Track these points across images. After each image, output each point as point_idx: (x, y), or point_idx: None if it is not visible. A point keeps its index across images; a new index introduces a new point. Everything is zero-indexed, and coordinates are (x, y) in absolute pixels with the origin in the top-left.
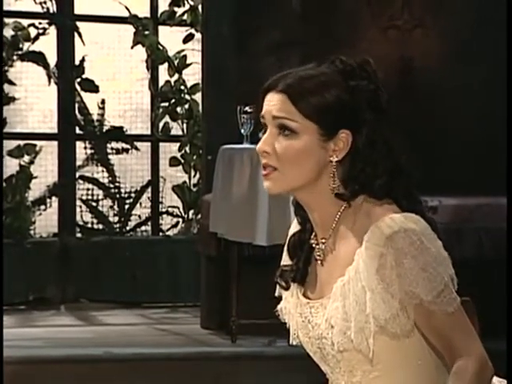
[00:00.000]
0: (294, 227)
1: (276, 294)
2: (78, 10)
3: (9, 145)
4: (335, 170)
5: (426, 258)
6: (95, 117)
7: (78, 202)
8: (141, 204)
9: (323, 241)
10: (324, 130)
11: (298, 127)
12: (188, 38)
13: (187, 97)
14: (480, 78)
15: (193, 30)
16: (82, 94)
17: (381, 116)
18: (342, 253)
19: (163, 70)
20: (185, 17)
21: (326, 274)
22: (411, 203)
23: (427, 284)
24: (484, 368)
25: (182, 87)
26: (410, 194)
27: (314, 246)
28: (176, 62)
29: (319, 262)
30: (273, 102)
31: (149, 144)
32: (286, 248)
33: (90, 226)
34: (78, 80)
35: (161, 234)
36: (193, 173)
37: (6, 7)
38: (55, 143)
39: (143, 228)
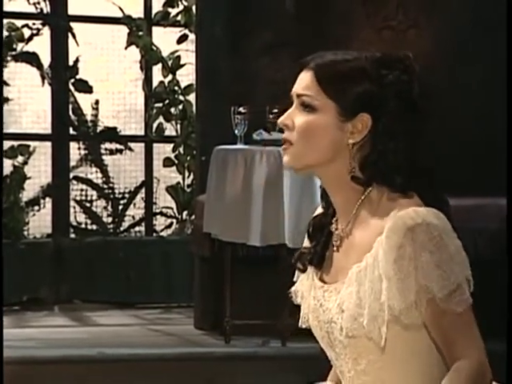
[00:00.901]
0: (318, 211)
1: (294, 279)
2: (72, 10)
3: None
4: (353, 152)
5: (442, 256)
6: (89, 117)
7: (72, 203)
8: (135, 205)
9: (342, 226)
10: (343, 110)
11: (317, 105)
12: (182, 39)
13: (181, 97)
14: (476, 78)
15: (187, 31)
16: (76, 94)
17: (408, 108)
18: (360, 239)
19: (157, 70)
20: (179, 17)
21: (342, 259)
22: (435, 199)
23: (440, 281)
24: (482, 373)
25: (176, 88)
26: (432, 191)
27: (333, 230)
28: (170, 63)
29: (336, 247)
30: (301, 80)
31: (142, 145)
32: (306, 230)
33: (83, 226)
34: (72, 80)
35: (155, 234)
36: (187, 173)
37: None
38: (49, 144)
39: (137, 228)
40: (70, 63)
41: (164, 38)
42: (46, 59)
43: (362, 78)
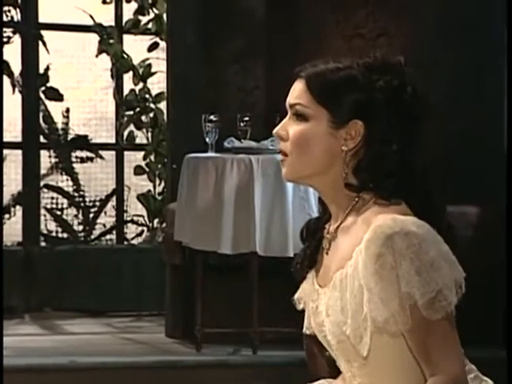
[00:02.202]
0: (316, 215)
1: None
2: (43, 18)
3: None
4: (347, 159)
5: (422, 263)
6: (59, 125)
7: (43, 211)
8: (105, 213)
9: (331, 232)
10: (335, 117)
11: (309, 113)
12: (153, 47)
13: (152, 105)
14: (443, 85)
15: (157, 39)
16: (47, 102)
17: (400, 113)
18: (344, 246)
19: (128, 78)
20: (149, 25)
21: (329, 263)
22: (425, 206)
23: (421, 288)
24: None
25: (147, 96)
26: (424, 197)
27: (325, 234)
28: (141, 71)
29: (326, 250)
30: (295, 90)
31: (113, 153)
32: (299, 233)
33: (54, 234)
34: (43, 88)
35: (125, 242)
36: (158, 181)
37: None
38: (19, 152)
39: (108, 237)
40: (41, 71)
41: (135, 46)
42: (16, 67)
43: (353, 86)
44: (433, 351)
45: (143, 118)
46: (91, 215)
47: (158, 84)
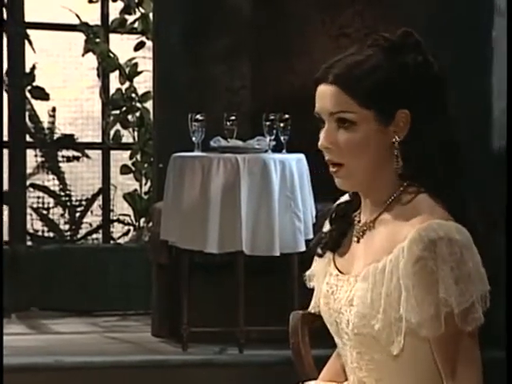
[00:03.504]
0: (344, 198)
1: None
2: (29, 17)
3: None
4: (398, 150)
5: (461, 272)
6: (46, 124)
7: (29, 210)
8: (92, 212)
9: (368, 220)
10: (381, 115)
11: (355, 118)
12: (139, 46)
13: (138, 105)
14: None
15: (144, 38)
16: (33, 101)
17: (435, 89)
18: (382, 238)
19: (114, 77)
20: (136, 25)
21: (361, 252)
22: (462, 209)
23: (457, 297)
24: None
25: (133, 95)
26: (456, 190)
27: (356, 222)
28: (127, 70)
29: (356, 238)
30: (327, 98)
31: (100, 152)
32: (328, 214)
33: (40, 234)
34: (29, 88)
35: (112, 241)
36: (144, 181)
37: None
38: (5, 151)
39: (94, 236)
40: (27, 70)
41: (121, 45)
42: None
43: (385, 74)
44: (457, 362)
45: (129, 117)
46: (77, 214)
47: (144, 83)
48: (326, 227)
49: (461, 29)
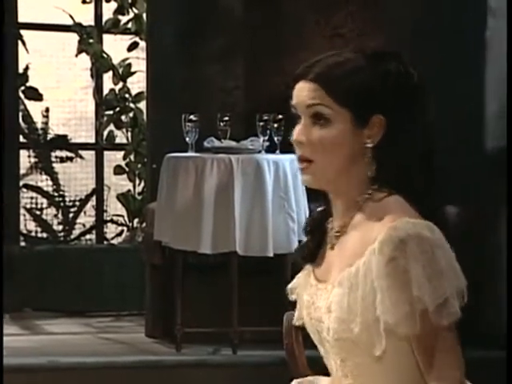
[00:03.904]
0: (319, 208)
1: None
2: (22, 18)
3: None
4: (371, 154)
5: (433, 270)
6: (39, 125)
7: (22, 211)
8: (85, 212)
9: (339, 226)
10: (357, 116)
11: (331, 114)
12: (132, 47)
13: (132, 105)
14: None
15: (137, 39)
16: (26, 102)
17: (413, 99)
18: (354, 242)
19: (108, 78)
20: (129, 25)
21: (335, 259)
22: (432, 208)
23: (431, 294)
24: None
25: (127, 95)
26: (431, 196)
27: (329, 229)
28: (120, 71)
29: (331, 245)
30: (305, 92)
31: (93, 152)
32: (303, 226)
33: (34, 234)
34: (22, 88)
35: (105, 242)
36: (137, 181)
37: None
38: None
39: (88, 236)
40: (20, 71)
41: (114, 46)
42: None
43: (365, 78)
44: (437, 357)
45: (123, 117)
46: (71, 215)
47: (137, 84)
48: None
49: (448, 31)
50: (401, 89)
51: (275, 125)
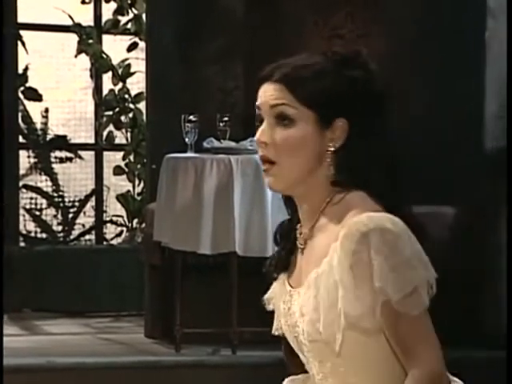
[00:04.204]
0: (285, 218)
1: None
2: (22, 18)
3: None
4: (332, 158)
5: (397, 259)
6: (39, 125)
7: (22, 211)
8: (85, 213)
9: (305, 230)
10: (321, 117)
11: (295, 114)
12: (132, 47)
13: (131, 105)
14: (424, 86)
15: (137, 39)
16: (26, 102)
17: (377, 106)
18: (320, 244)
19: (107, 78)
20: (129, 25)
21: (305, 263)
22: (396, 203)
23: (396, 284)
24: (436, 381)
25: (126, 96)
26: (396, 193)
27: (298, 235)
28: (120, 71)
29: (301, 250)
30: (269, 92)
31: (93, 153)
32: (273, 236)
33: (33, 235)
34: (21, 88)
35: (105, 242)
36: (137, 182)
37: None
38: None
39: (87, 237)
40: (20, 71)
41: (114, 46)
42: None
43: (331, 81)
44: (412, 345)
45: (122, 118)
46: (70, 215)
47: (137, 84)
48: (275, 248)
49: (447, 31)
50: (364, 94)
51: None
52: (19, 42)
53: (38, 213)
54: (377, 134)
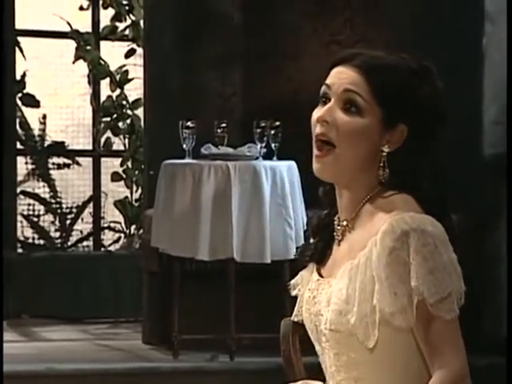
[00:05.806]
0: (324, 211)
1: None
2: (20, 24)
3: None
4: (384, 159)
5: (435, 263)
6: (36, 132)
7: (19, 218)
8: (82, 219)
9: (344, 223)
10: (387, 118)
11: (365, 106)
12: (130, 53)
13: (129, 112)
14: None
15: (134, 45)
16: (23, 108)
17: (439, 122)
18: (359, 237)
19: (105, 84)
20: (126, 32)
21: (340, 254)
22: (440, 213)
23: (432, 287)
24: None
25: (124, 102)
26: (440, 199)
27: (335, 225)
28: (118, 77)
29: (337, 242)
30: (345, 75)
31: (90, 159)
32: (311, 227)
33: (31, 241)
34: (19, 95)
35: (102, 249)
36: (135, 188)
37: None
38: None
39: (85, 243)
40: (18, 77)
41: (112, 53)
42: None
43: (409, 89)
44: (439, 347)
45: (120, 124)
46: (68, 222)
47: (135, 90)
48: (311, 238)
49: (446, 34)
50: (432, 109)
51: (272, 131)
52: (17, 49)
53: (35, 219)
54: (431, 146)
